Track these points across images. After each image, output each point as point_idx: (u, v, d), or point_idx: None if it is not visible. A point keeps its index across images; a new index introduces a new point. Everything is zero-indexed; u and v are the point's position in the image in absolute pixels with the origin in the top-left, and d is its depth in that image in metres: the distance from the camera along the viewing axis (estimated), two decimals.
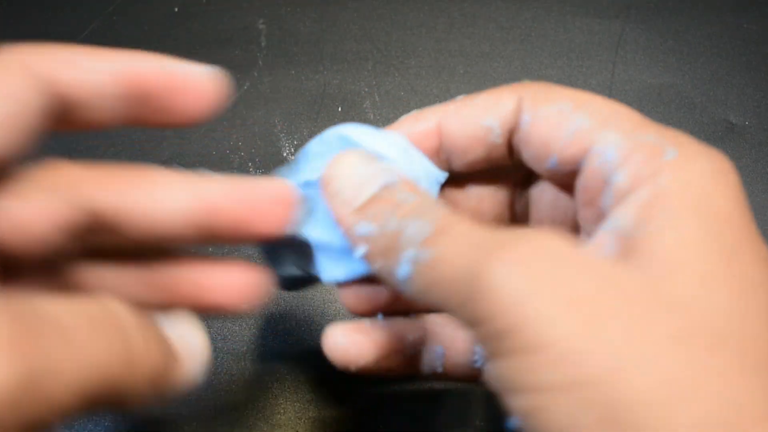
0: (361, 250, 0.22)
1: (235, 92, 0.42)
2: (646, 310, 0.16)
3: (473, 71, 0.42)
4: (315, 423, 0.33)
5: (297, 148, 0.40)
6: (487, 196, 0.27)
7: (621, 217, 0.19)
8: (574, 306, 0.16)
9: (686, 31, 0.44)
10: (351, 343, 0.25)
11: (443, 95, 0.42)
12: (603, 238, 0.20)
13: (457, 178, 0.27)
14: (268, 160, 0.40)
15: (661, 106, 0.41)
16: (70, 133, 0.40)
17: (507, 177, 0.27)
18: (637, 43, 0.43)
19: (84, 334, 0.17)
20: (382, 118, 0.41)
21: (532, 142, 0.23)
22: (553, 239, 0.18)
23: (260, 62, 0.43)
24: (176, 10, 0.44)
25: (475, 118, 0.24)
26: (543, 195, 0.26)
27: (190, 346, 0.21)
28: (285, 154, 0.40)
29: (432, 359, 0.26)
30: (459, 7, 0.44)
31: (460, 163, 0.25)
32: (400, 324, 0.25)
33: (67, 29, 0.43)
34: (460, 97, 0.25)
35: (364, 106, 0.41)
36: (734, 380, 0.16)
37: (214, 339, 0.35)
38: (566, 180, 0.23)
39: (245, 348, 0.35)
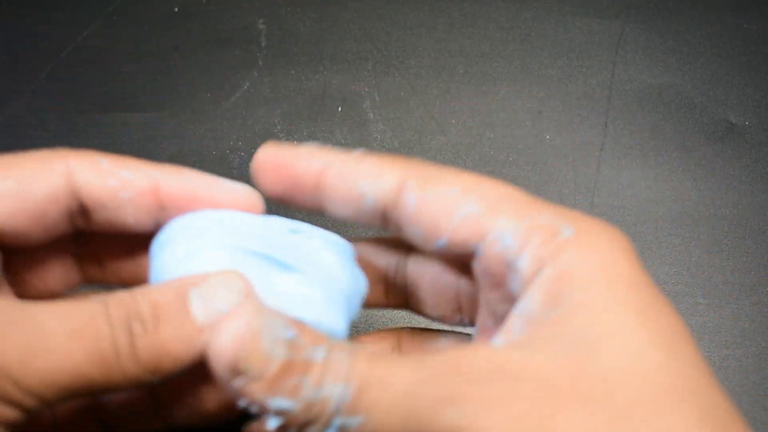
0: (274, 423, 0.20)
1: (235, 92, 0.42)
2: (579, 403, 0.18)
3: (473, 71, 0.42)
4: None
5: None
6: (371, 257, 0.27)
7: (528, 301, 0.20)
8: (521, 420, 0.18)
9: (686, 31, 0.44)
10: None
11: (443, 95, 0.42)
12: (513, 322, 0.21)
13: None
14: None
15: (661, 106, 0.41)
16: (69, 135, 0.40)
17: (385, 251, 0.27)
18: (637, 43, 0.43)
19: (61, 339, 0.20)
20: (382, 118, 0.41)
21: (420, 222, 0.23)
22: (480, 358, 0.19)
23: (260, 62, 0.43)
24: (176, 10, 0.44)
25: (355, 179, 0.24)
26: (424, 269, 0.26)
27: (217, 315, 0.22)
28: None
29: None
30: (459, 7, 0.44)
31: (333, 212, 0.25)
32: None
33: (67, 29, 0.43)
34: (359, 151, 0.25)
35: (364, 106, 0.41)
36: None
37: None
38: (452, 258, 0.23)
39: None
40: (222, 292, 0.22)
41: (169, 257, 0.24)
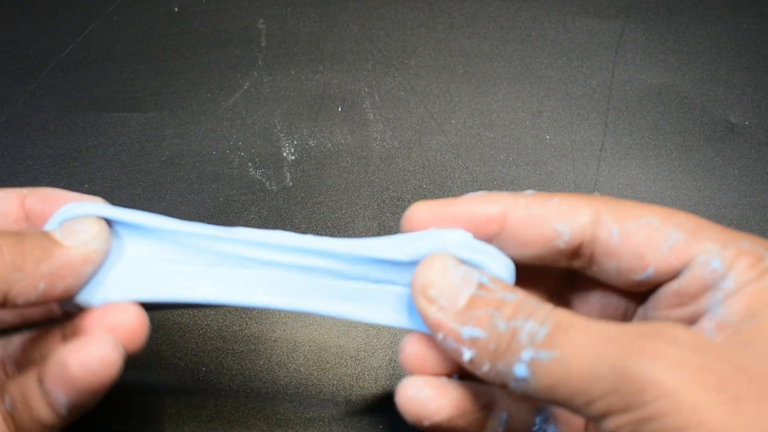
0: (467, 354, 0.22)
1: (235, 92, 0.42)
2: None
3: (473, 71, 0.42)
4: (314, 423, 0.33)
5: (297, 148, 0.40)
6: (534, 280, 0.28)
7: (726, 310, 0.22)
8: (716, 391, 0.19)
9: (686, 31, 0.44)
10: (428, 398, 0.25)
11: (443, 95, 0.42)
12: (704, 326, 0.23)
13: None
14: (268, 160, 0.40)
15: (661, 106, 0.41)
16: (69, 135, 0.40)
17: (546, 278, 0.28)
18: (637, 43, 0.43)
19: None
20: (382, 118, 0.41)
21: (623, 254, 0.24)
22: (681, 331, 0.21)
23: (260, 62, 0.43)
24: (176, 10, 0.44)
25: (548, 219, 0.25)
26: (589, 297, 0.27)
27: (79, 246, 0.26)
28: (285, 154, 0.40)
29: (496, 424, 0.26)
30: (459, 7, 0.44)
31: (513, 254, 0.26)
32: (473, 386, 0.26)
33: (67, 29, 0.43)
34: (528, 192, 0.25)
35: (364, 106, 0.41)
36: None
37: (213, 338, 0.35)
38: (637, 288, 0.25)
39: (244, 348, 0.35)
40: (80, 223, 0.26)
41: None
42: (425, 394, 0.25)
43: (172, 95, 0.42)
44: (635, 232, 0.24)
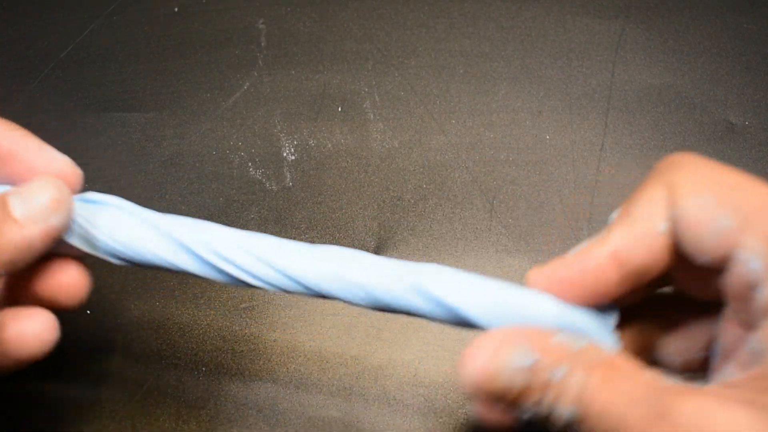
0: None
1: (235, 92, 0.42)
2: None
3: (473, 71, 0.42)
4: (314, 423, 0.33)
5: (297, 148, 0.40)
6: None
7: (759, 338, 0.19)
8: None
9: (686, 31, 0.44)
10: None
11: (443, 95, 0.42)
12: (742, 356, 0.20)
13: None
14: (268, 160, 0.40)
15: (661, 106, 0.41)
16: (69, 135, 0.40)
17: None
18: (637, 43, 0.43)
19: None
20: (382, 118, 0.41)
21: (685, 238, 0.21)
22: (680, 403, 0.18)
23: (260, 62, 0.43)
24: (176, 10, 0.44)
25: (647, 226, 0.22)
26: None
27: (38, 222, 0.24)
28: (285, 154, 0.40)
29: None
30: (459, 7, 0.44)
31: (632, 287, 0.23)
32: None
33: (67, 29, 0.43)
34: (614, 214, 0.24)
35: (364, 106, 0.41)
36: None
37: (213, 338, 0.35)
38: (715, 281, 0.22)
39: (244, 348, 0.35)
40: (40, 190, 0.24)
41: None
42: None
43: (172, 95, 0.42)
44: (691, 214, 0.21)
